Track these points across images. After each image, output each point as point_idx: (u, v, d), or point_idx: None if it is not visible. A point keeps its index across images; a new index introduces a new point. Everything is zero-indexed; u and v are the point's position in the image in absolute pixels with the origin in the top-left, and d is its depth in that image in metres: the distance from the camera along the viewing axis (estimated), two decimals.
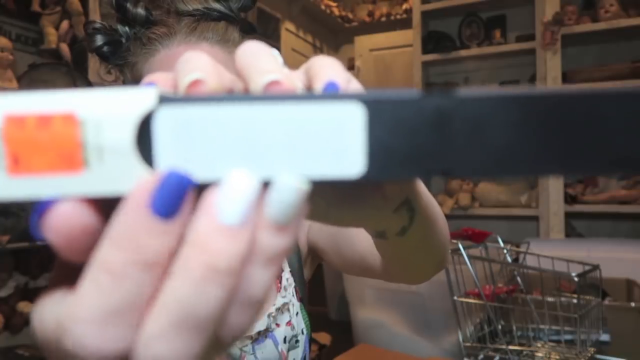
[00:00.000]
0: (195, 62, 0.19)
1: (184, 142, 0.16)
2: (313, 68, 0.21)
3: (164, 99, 0.16)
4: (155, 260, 0.15)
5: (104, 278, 0.15)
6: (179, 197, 0.15)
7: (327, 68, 0.21)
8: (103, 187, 0.16)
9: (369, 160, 0.16)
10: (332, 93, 0.17)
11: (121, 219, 0.15)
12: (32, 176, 0.15)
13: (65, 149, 0.15)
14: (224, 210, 0.15)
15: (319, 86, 0.20)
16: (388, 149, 0.16)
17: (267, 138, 0.16)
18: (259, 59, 0.20)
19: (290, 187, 0.16)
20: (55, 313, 0.16)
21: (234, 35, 0.58)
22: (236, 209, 0.15)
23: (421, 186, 0.31)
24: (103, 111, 0.15)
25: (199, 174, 0.16)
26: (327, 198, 0.24)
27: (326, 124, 0.16)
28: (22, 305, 2.00)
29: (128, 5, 0.55)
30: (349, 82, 0.21)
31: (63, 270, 0.18)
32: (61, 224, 0.15)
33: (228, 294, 0.15)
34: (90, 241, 0.16)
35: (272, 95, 0.16)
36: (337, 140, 0.16)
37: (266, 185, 0.16)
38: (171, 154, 0.16)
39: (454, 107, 0.16)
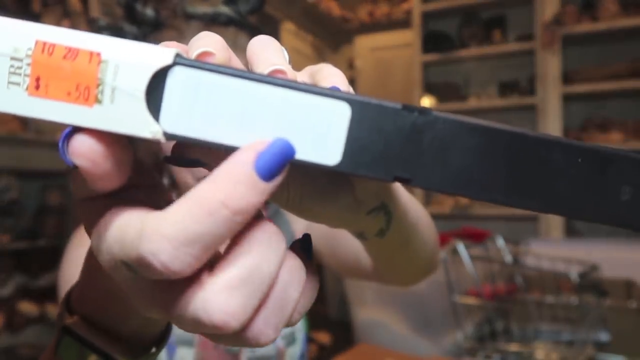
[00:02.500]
0: (209, 39, 0.20)
1: (189, 101, 0.18)
2: (322, 72, 0.23)
3: (180, 60, 0.18)
4: (243, 211, 0.16)
5: (197, 209, 0.16)
6: (279, 163, 0.17)
7: (335, 77, 0.23)
8: (109, 124, 0.17)
9: (344, 153, 0.18)
10: (325, 90, 0.18)
11: (228, 168, 0.17)
12: (48, 99, 0.17)
13: (84, 82, 0.17)
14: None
15: (324, 86, 0.22)
16: (363, 148, 0.18)
17: (263, 115, 0.18)
18: (268, 50, 0.22)
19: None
20: (135, 224, 0.17)
21: (242, 41, 0.58)
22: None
23: (400, 191, 0.32)
24: (126, 57, 0.17)
25: (194, 133, 0.18)
26: (301, 189, 0.25)
27: (316, 115, 0.18)
28: (23, 305, 2.00)
29: (137, 5, 0.55)
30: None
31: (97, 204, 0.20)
32: (85, 148, 0.17)
33: (228, 232, 0.17)
34: (113, 169, 0.18)
35: (276, 79, 0.18)
36: (321, 131, 0.18)
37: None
38: (175, 110, 0.18)
39: (428, 124, 0.18)
